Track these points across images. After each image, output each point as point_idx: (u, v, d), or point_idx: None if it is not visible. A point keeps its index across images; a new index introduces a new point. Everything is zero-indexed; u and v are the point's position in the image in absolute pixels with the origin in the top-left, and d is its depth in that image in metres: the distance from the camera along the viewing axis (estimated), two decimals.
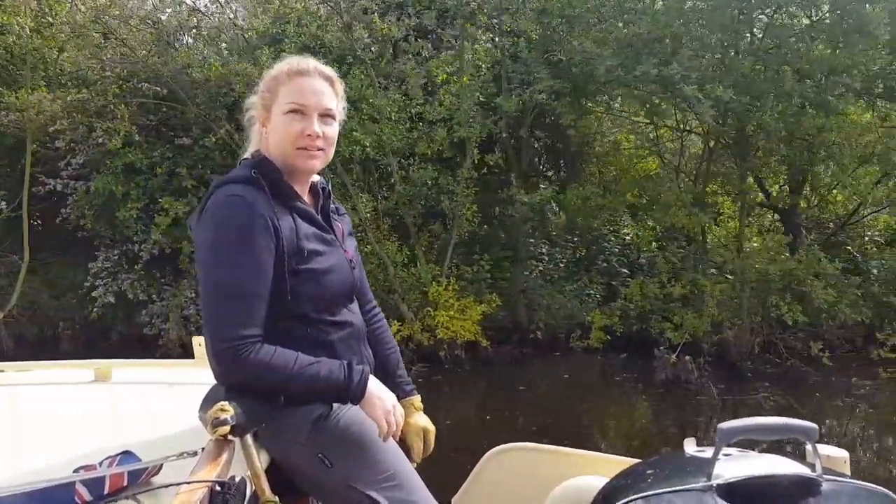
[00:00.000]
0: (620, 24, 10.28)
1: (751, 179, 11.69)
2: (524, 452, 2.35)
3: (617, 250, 11.91)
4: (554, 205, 11.98)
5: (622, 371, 10.10)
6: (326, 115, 1.83)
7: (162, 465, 1.70)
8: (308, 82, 1.82)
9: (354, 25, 10.60)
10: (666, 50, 9.60)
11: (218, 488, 1.50)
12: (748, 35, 10.58)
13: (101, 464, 1.69)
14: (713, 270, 10.70)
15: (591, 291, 11.03)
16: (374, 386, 1.77)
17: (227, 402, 1.65)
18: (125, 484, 1.64)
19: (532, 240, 11.95)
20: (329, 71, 1.89)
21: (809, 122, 9.51)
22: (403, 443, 1.94)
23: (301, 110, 1.80)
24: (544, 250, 12.13)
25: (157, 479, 1.69)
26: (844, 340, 10.22)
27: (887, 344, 9.78)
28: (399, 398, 1.95)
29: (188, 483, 1.49)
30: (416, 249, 10.89)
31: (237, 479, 1.59)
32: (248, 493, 1.67)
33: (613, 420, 8.56)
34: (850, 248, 11.85)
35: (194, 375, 2.50)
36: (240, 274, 1.67)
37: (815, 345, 9.52)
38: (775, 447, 1.88)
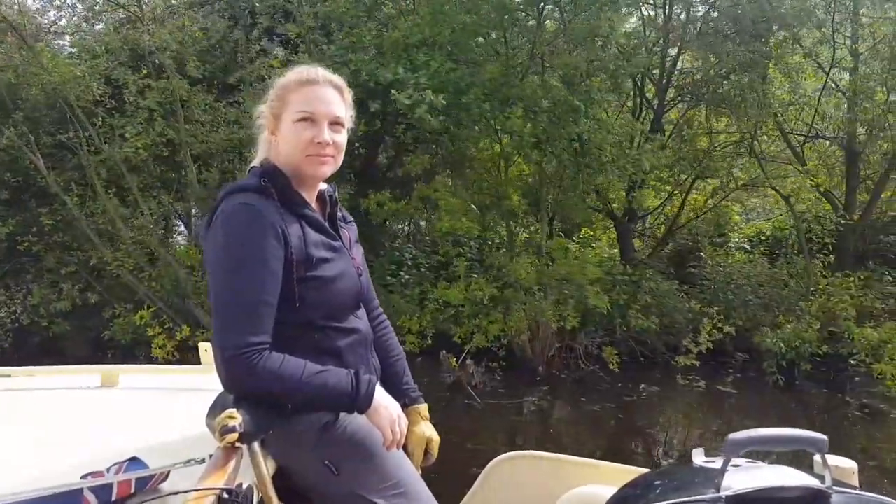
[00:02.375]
0: (371, 28, 10.25)
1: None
2: (529, 461, 2.34)
3: (472, 255, 11.70)
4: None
5: (420, 376, 10.04)
6: (336, 123, 1.86)
7: (169, 471, 1.69)
8: (318, 91, 1.85)
9: (151, 28, 10.48)
10: (419, 55, 9.51)
11: (226, 495, 1.52)
12: (503, 40, 10.20)
13: (108, 470, 1.65)
14: (538, 272, 10.34)
15: (432, 296, 10.73)
16: (380, 396, 1.80)
17: (234, 410, 1.65)
18: (133, 491, 1.62)
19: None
20: (338, 80, 1.92)
21: (570, 127, 9.51)
22: (406, 450, 1.97)
23: (311, 118, 1.82)
24: (408, 256, 12.09)
25: (165, 486, 1.67)
26: (667, 347, 10.23)
27: (693, 351, 9.63)
28: (405, 406, 2.00)
29: (196, 490, 1.50)
30: None
31: (244, 487, 1.60)
32: (256, 500, 1.68)
33: None
34: (703, 254, 12.03)
35: (201, 382, 2.46)
36: (249, 281, 1.67)
37: (608, 349, 9.66)
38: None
